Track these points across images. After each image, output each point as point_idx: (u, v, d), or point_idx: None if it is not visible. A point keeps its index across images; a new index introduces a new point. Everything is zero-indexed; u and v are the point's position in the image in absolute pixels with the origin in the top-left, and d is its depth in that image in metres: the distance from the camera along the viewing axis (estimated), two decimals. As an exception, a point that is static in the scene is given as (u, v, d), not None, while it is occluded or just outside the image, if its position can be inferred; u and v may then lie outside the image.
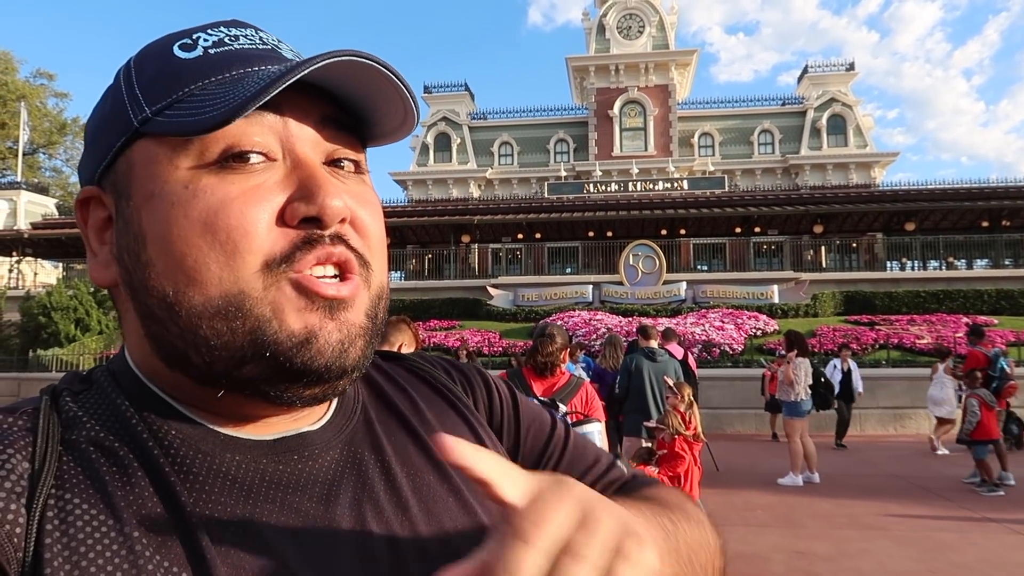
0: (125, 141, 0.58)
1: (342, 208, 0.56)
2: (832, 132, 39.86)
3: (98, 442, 0.55)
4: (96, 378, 0.62)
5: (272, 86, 0.52)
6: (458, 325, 22.00)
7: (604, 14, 41.80)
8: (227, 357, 0.55)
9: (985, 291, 22.09)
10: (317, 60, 0.53)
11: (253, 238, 0.54)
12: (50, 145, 49.08)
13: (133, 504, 0.52)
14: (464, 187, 41.06)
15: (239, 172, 0.55)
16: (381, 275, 0.62)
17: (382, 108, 0.61)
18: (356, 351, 0.58)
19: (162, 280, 0.55)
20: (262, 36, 0.63)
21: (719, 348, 17.61)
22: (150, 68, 0.59)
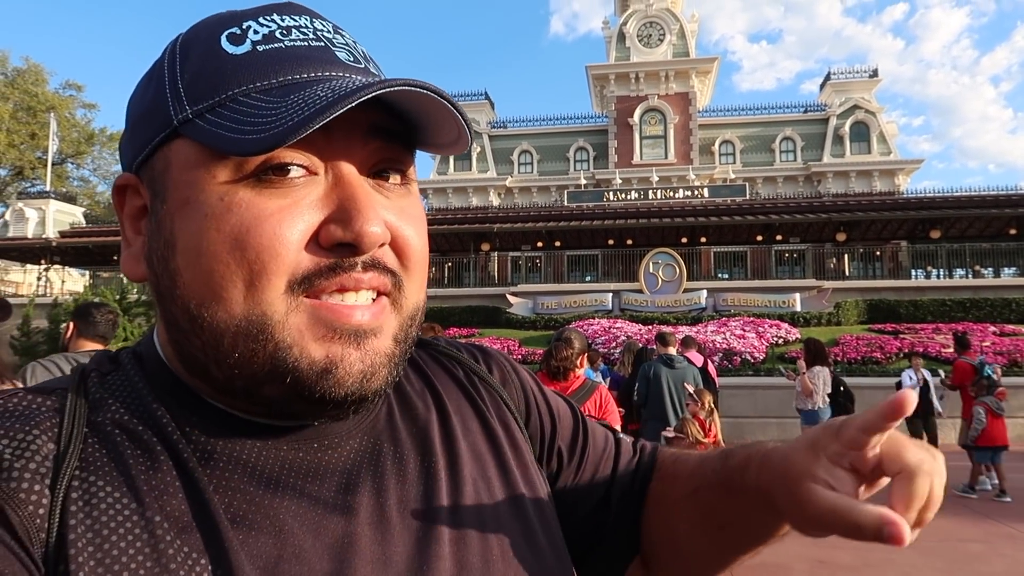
0: (164, 137, 0.56)
1: (380, 235, 0.55)
2: (855, 139, 39.47)
3: (122, 425, 0.55)
4: (123, 360, 0.62)
5: (318, 116, 0.49)
6: (478, 333, 22.00)
7: (624, 22, 41.78)
8: (248, 376, 0.54)
9: (1013, 299, 21.68)
10: (369, 91, 0.51)
11: (282, 260, 0.53)
12: (78, 155, 49.87)
13: (155, 488, 0.52)
14: (484, 195, 41.15)
15: (277, 187, 0.54)
16: (417, 294, 0.61)
17: (435, 124, 0.59)
18: (378, 380, 0.57)
19: (188, 291, 0.55)
20: (316, 26, 0.59)
21: (740, 357, 17.46)
22: (195, 59, 0.57)
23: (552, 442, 0.80)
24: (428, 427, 0.69)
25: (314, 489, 0.57)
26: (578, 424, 0.84)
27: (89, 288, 27.98)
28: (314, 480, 0.58)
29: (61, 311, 25.23)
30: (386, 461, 0.63)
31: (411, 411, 0.70)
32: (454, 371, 0.78)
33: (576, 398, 4.24)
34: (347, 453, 0.61)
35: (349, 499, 0.58)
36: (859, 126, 39.54)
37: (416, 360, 0.77)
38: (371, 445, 0.63)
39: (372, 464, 0.62)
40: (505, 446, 0.74)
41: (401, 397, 0.71)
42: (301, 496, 0.56)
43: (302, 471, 0.58)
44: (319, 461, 0.59)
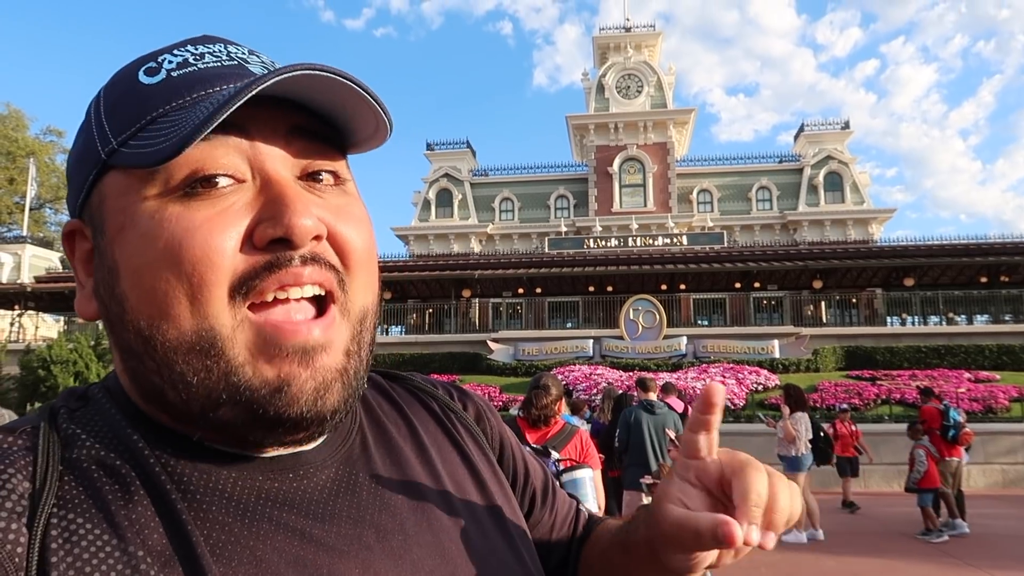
0: (96, 174, 0.58)
1: (312, 226, 0.55)
2: (829, 189, 40.27)
3: (99, 460, 0.54)
4: (93, 395, 0.62)
5: (219, 111, 0.49)
6: (459, 380, 21.86)
7: (603, 74, 42.70)
8: (203, 396, 0.54)
9: (986, 346, 22.01)
10: (268, 77, 0.51)
11: (218, 268, 0.53)
12: (57, 200, 49.59)
13: (136, 523, 0.51)
14: (465, 242, 41.32)
15: (205, 198, 0.54)
16: (365, 295, 0.61)
17: (353, 116, 0.59)
18: (333, 396, 0.56)
19: (136, 314, 0.54)
20: (231, 50, 0.61)
21: (720, 403, 17.46)
22: (115, 97, 0.59)
23: (526, 484, 0.81)
24: (404, 456, 0.69)
25: (291, 520, 0.56)
26: (548, 478, 0.86)
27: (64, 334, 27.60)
28: (290, 510, 0.57)
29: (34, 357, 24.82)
30: (362, 491, 0.62)
31: (387, 441, 0.70)
32: (429, 404, 0.79)
33: (556, 442, 4.22)
34: (323, 483, 0.60)
35: (327, 529, 0.57)
36: (833, 176, 40.39)
37: (391, 393, 0.77)
38: (347, 475, 0.63)
39: (349, 494, 0.61)
40: (485, 475, 0.74)
41: (376, 427, 0.71)
42: (279, 527, 0.55)
43: (278, 501, 0.57)
44: (295, 491, 0.59)
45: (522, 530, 0.73)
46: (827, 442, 9.98)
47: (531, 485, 0.82)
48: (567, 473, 3.68)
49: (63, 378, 23.84)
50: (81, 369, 24.34)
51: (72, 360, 24.33)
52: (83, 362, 24.46)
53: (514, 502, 0.76)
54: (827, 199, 40.08)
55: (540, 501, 0.82)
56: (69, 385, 23.72)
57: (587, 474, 3.70)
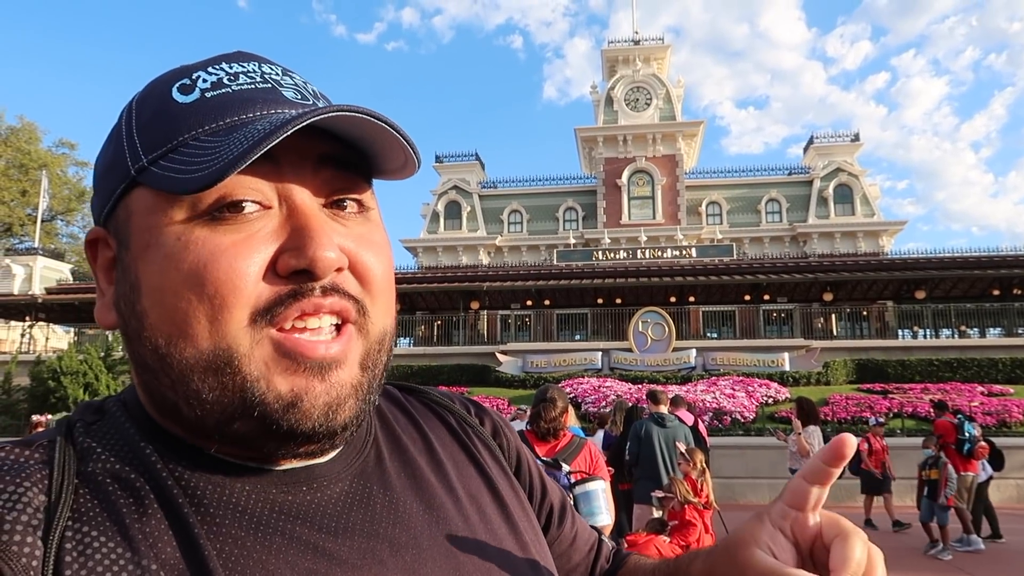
0: (124, 188, 0.59)
1: (334, 259, 0.56)
2: (839, 201, 40.16)
3: (113, 473, 0.55)
4: (109, 408, 0.62)
5: (254, 148, 0.51)
6: (467, 392, 21.82)
7: (612, 87, 42.82)
8: (218, 412, 0.55)
9: (999, 360, 21.80)
10: (305, 118, 0.52)
11: (241, 292, 0.54)
12: (68, 212, 50.03)
13: (149, 536, 0.52)
14: (474, 254, 41.38)
15: (232, 223, 0.55)
16: (384, 319, 0.62)
17: (383, 149, 0.60)
18: (346, 411, 0.57)
19: (155, 331, 0.56)
20: (265, 71, 0.62)
21: (730, 416, 17.37)
22: (148, 112, 0.59)
23: (543, 500, 0.80)
24: (420, 470, 0.69)
25: (304, 533, 0.57)
26: (565, 499, 0.85)
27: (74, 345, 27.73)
28: (303, 524, 0.57)
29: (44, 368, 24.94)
30: (376, 504, 0.62)
31: (402, 454, 0.70)
32: (446, 418, 0.79)
33: (566, 454, 4.19)
34: (337, 496, 0.61)
35: (340, 543, 0.57)
36: (842, 188, 40.29)
37: (406, 406, 0.77)
38: (361, 488, 0.63)
39: (363, 507, 0.61)
40: (502, 489, 0.74)
41: (391, 440, 0.71)
42: (291, 541, 0.56)
43: (292, 514, 0.57)
44: (308, 504, 0.59)
45: (541, 545, 0.72)
46: None
47: (548, 501, 0.81)
48: (579, 486, 3.64)
49: (73, 389, 23.94)
50: (91, 380, 24.44)
51: (82, 371, 24.43)
52: (93, 373, 24.55)
53: (533, 517, 0.75)
54: (837, 211, 39.97)
55: (557, 520, 0.81)
56: (79, 396, 23.82)
57: (600, 486, 3.66)
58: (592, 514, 3.54)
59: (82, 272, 40.08)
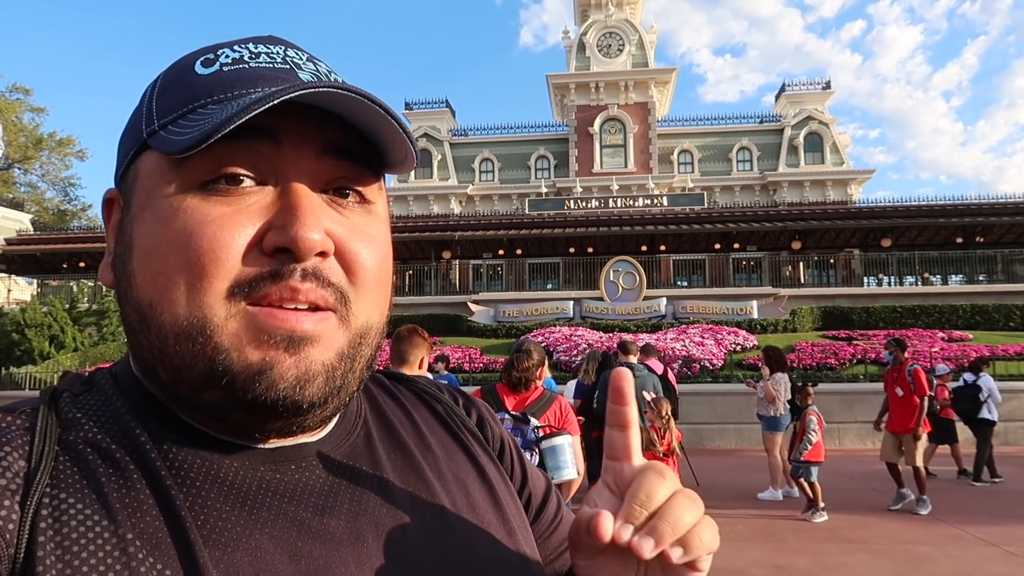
0: (136, 151, 0.59)
1: (318, 241, 0.55)
2: (809, 150, 40.37)
3: (95, 444, 0.55)
4: (97, 380, 0.62)
5: (240, 114, 0.51)
6: (439, 341, 21.90)
7: (584, 32, 42.19)
8: (189, 380, 0.55)
9: (960, 306, 22.39)
10: (294, 89, 0.52)
11: (222, 263, 0.54)
12: (25, 160, 48.53)
13: (128, 506, 0.52)
14: (445, 203, 41.08)
15: (224, 195, 0.55)
16: (369, 313, 0.61)
17: (388, 141, 0.60)
18: (314, 388, 0.56)
19: (140, 292, 0.56)
20: (289, 54, 0.62)
21: (699, 364, 17.67)
22: (170, 82, 0.60)
23: (523, 486, 0.80)
24: (409, 453, 0.69)
25: (290, 510, 0.57)
26: (550, 488, 0.84)
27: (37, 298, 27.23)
28: (291, 501, 0.58)
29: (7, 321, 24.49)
30: (363, 484, 0.63)
31: (391, 436, 0.70)
32: (434, 406, 0.79)
33: (536, 408, 4.22)
34: (324, 475, 0.61)
35: (326, 522, 0.58)
36: (813, 137, 40.47)
37: (395, 393, 0.78)
38: (348, 468, 0.63)
39: (349, 487, 0.62)
40: (490, 474, 0.74)
41: (381, 422, 0.71)
42: (277, 516, 0.56)
43: (278, 491, 0.58)
44: (296, 482, 0.59)
45: (527, 530, 0.73)
46: None
47: (528, 489, 0.81)
48: (546, 440, 3.67)
49: (38, 342, 23.58)
50: (56, 332, 24.08)
51: (47, 324, 24.04)
52: (58, 325, 24.18)
53: (519, 502, 0.76)
54: (807, 160, 40.20)
55: (538, 507, 0.81)
56: (44, 349, 23.50)
57: (566, 440, 3.69)
58: (558, 468, 3.58)
59: (42, 222, 39.19)
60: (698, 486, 9.26)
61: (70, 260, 31.50)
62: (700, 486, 9.25)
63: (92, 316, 26.07)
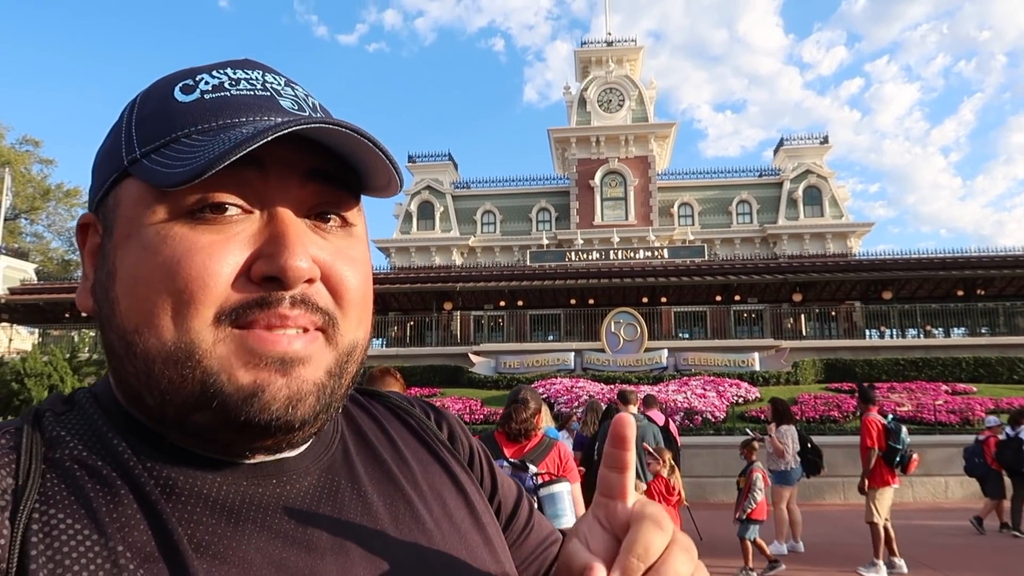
0: (116, 177, 0.60)
1: (305, 269, 0.56)
2: (808, 203, 40.70)
3: (81, 461, 0.56)
4: (79, 400, 0.63)
5: (237, 148, 0.52)
6: (439, 392, 21.77)
7: (585, 88, 42.99)
8: (178, 403, 0.55)
9: (963, 359, 22.26)
10: (290, 125, 0.53)
11: (210, 291, 0.55)
12: (32, 211, 49.06)
13: (118, 520, 0.52)
14: (447, 255, 41.30)
15: (212, 223, 0.56)
16: (355, 332, 0.62)
17: (370, 167, 0.61)
18: (305, 407, 0.57)
19: (124, 319, 0.56)
20: (268, 80, 0.63)
21: (701, 416, 17.52)
22: (148, 107, 0.61)
23: (494, 494, 0.82)
24: (385, 465, 0.71)
25: (274, 522, 0.58)
26: (521, 495, 0.86)
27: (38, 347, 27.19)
28: (274, 514, 0.58)
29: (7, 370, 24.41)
30: (344, 497, 0.64)
31: (368, 450, 0.71)
32: (407, 421, 0.80)
33: (534, 455, 4.17)
34: (306, 488, 0.62)
35: (309, 533, 0.59)
36: (812, 190, 40.84)
37: (369, 408, 0.79)
38: (329, 481, 0.64)
39: (331, 499, 0.63)
40: (465, 484, 0.75)
41: (357, 437, 0.73)
42: (263, 529, 0.57)
43: (263, 505, 0.59)
44: (279, 495, 0.60)
45: (500, 537, 0.74)
46: (816, 453, 9.50)
47: (499, 496, 0.82)
48: (544, 488, 3.62)
49: (37, 391, 23.44)
50: (56, 382, 23.95)
51: (47, 373, 23.94)
52: (58, 375, 24.07)
53: (491, 511, 0.77)
54: (806, 213, 40.50)
55: (510, 513, 0.82)
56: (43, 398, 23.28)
57: (564, 488, 3.64)
58: (557, 516, 3.53)
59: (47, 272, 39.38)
60: (701, 540, 9.10)
61: (72, 310, 31.54)
62: (703, 540, 9.09)
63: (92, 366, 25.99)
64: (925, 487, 14.24)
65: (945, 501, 13.74)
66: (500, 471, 0.85)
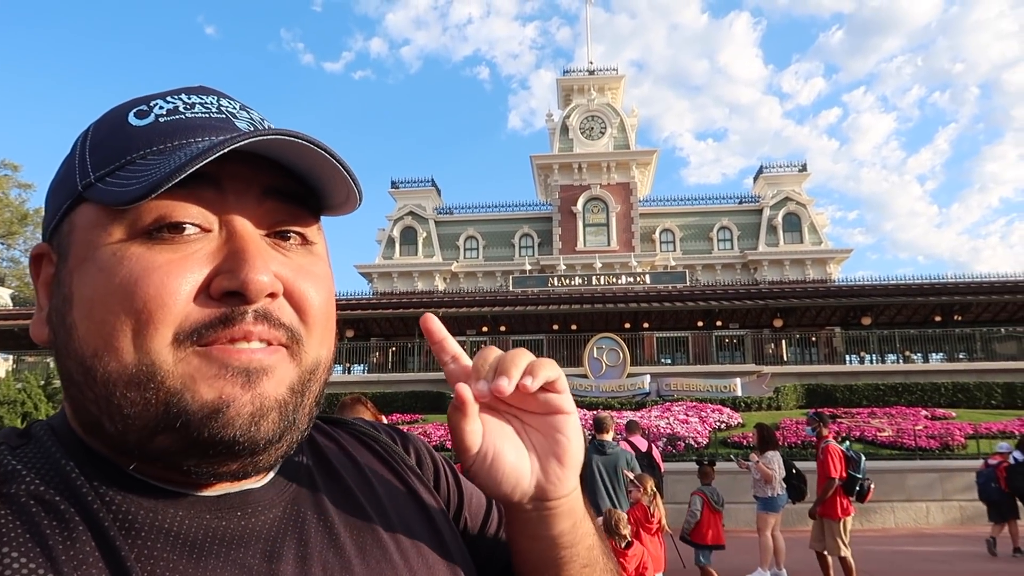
0: (70, 204, 0.59)
1: (268, 283, 0.56)
2: (788, 229, 41.15)
3: (38, 496, 0.54)
4: (35, 432, 0.61)
5: (190, 163, 0.51)
6: (421, 419, 21.61)
7: (567, 115, 43.40)
8: (140, 427, 0.54)
9: (942, 384, 22.45)
10: (243, 138, 0.53)
11: (169, 310, 0.54)
12: (9, 236, 48.44)
13: (74, 559, 0.51)
14: (429, 280, 41.23)
15: (169, 243, 0.55)
16: (318, 350, 0.62)
17: (328, 183, 0.61)
18: (269, 424, 0.56)
19: (82, 344, 0.55)
20: (223, 104, 0.63)
21: (684, 441, 17.49)
22: (102, 133, 0.60)
23: (459, 511, 0.81)
24: (352, 495, 0.69)
25: (239, 556, 0.56)
26: (491, 508, 0.85)
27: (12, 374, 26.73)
28: (238, 547, 0.57)
29: (-20, 397, 23.95)
30: (310, 529, 0.62)
31: (335, 481, 0.70)
32: (374, 447, 0.79)
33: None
34: (271, 521, 0.61)
35: (274, 567, 0.57)
36: (791, 217, 41.31)
37: (335, 436, 0.78)
38: (294, 513, 0.63)
39: (296, 532, 0.61)
40: (432, 512, 0.75)
41: (323, 467, 0.71)
42: (226, 564, 0.55)
43: (226, 539, 0.57)
44: (243, 529, 0.59)
45: (470, 566, 0.73)
46: (800, 479, 9.43)
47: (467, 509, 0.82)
48: None
49: (10, 419, 22.99)
50: (30, 410, 23.53)
51: (20, 400, 23.51)
52: (31, 402, 23.65)
53: (459, 537, 0.77)
54: (786, 239, 40.93)
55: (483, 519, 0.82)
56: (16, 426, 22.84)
57: None
58: None
59: (23, 297, 38.85)
60: (684, 568, 9.03)
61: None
62: (686, 568, 9.02)
63: (67, 393, 25.59)
64: (907, 512, 14.26)
65: (926, 527, 13.76)
66: (468, 484, 0.84)
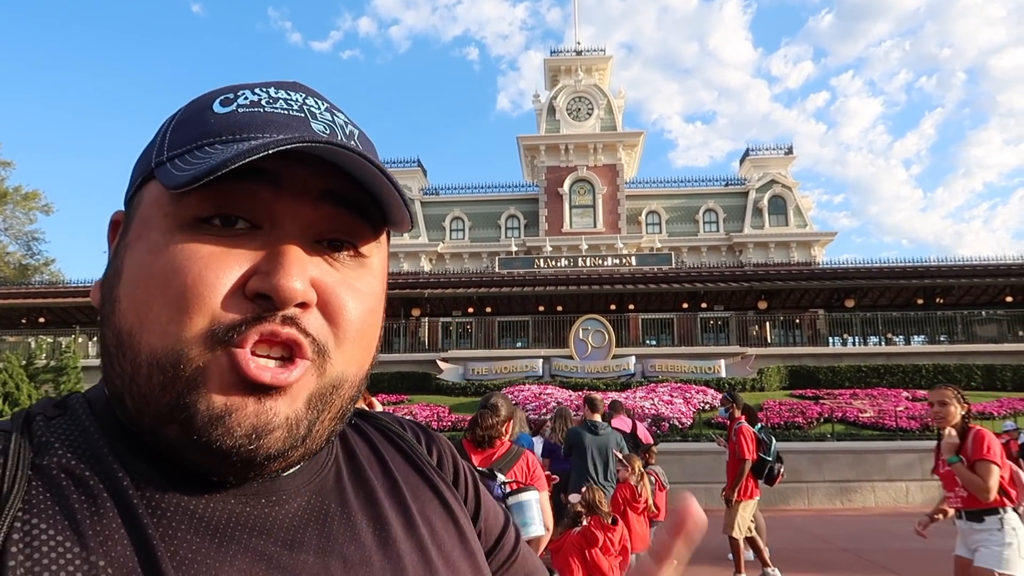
0: (144, 179, 0.61)
1: (299, 291, 0.55)
2: (773, 212, 41.31)
3: (69, 469, 0.55)
4: (71, 404, 0.61)
5: (235, 159, 0.52)
6: (407, 399, 21.64)
7: (554, 96, 43.21)
8: (153, 412, 0.55)
9: (923, 366, 22.74)
10: (293, 141, 0.53)
11: (203, 302, 0.54)
12: (-9, 214, 47.75)
13: (100, 534, 0.51)
14: (415, 261, 41.13)
15: (216, 234, 0.56)
16: (346, 366, 0.60)
17: (386, 201, 0.60)
18: (271, 442, 0.56)
19: (122, 318, 0.56)
20: (308, 103, 0.62)
21: (668, 422, 17.62)
22: (186, 116, 0.61)
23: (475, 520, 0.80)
24: (376, 490, 0.69)
25: (259, 544, 0.57)
26: (508, 524, 0.84)
27: (-7, 353, 26.45)
28: (260, 535, 0.57)
29: (-40, 377, 23.70)
30: (332, 521, 0.63)
31: (360, 473, 0.70)
32: (399, 443, 0.79)
33: (503, 464, 4.13)
34: (294, 511, 0.61)
35: (295, 557, 0.58)
36: (777, 200, 41.46)
37: (363, 429, 0.78)
38: (318, 504, 0.63)
39: (318, 523, 0.62)
40: (455, 509, 0.75)
41: (350, 460, 0.71)
42: (247, 551, 0.56)
43: (248, 525, 0.57)
44: (266, 516, 0.59)
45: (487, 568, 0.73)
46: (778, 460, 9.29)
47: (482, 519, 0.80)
48: (512, 496, 3.59)
49: (-9, 399, 22.79)
50: (11, 390, 23.33)
51: (2, 380, 23.30)
52: (13, 382, 23.44)
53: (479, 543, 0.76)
54: (771, 222, 41.09)
55: (497, 537, 0.81)
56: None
57: (532, 496, 3.61)
58: (525, 524, 3.50)
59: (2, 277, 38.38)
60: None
61: (29, 315, 30.80)
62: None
63: (50, 373, 25.37)
64: (886, 492, 14.49)
65: (906, 505, 13.99)
66: (488, 497, 0.83)
